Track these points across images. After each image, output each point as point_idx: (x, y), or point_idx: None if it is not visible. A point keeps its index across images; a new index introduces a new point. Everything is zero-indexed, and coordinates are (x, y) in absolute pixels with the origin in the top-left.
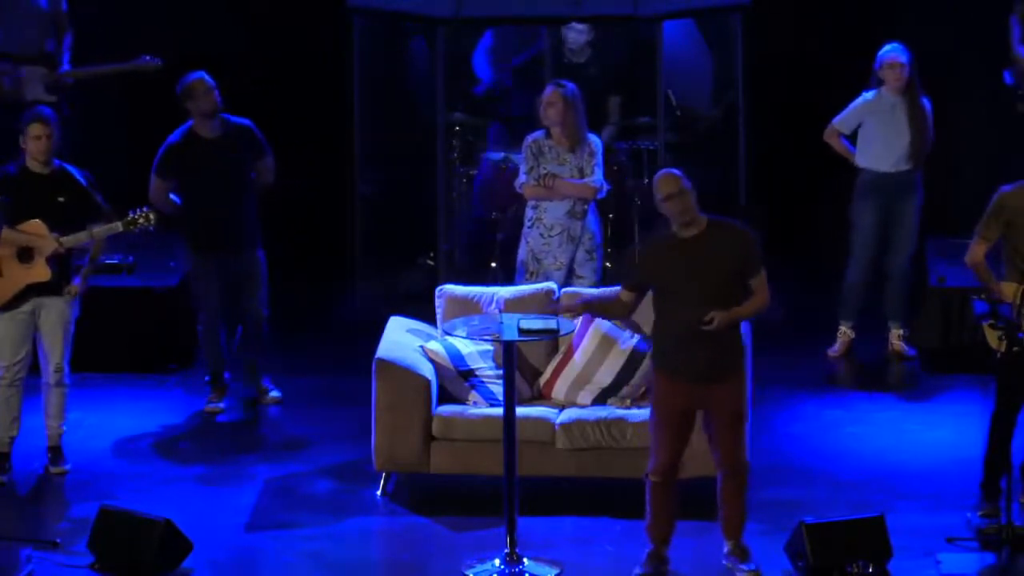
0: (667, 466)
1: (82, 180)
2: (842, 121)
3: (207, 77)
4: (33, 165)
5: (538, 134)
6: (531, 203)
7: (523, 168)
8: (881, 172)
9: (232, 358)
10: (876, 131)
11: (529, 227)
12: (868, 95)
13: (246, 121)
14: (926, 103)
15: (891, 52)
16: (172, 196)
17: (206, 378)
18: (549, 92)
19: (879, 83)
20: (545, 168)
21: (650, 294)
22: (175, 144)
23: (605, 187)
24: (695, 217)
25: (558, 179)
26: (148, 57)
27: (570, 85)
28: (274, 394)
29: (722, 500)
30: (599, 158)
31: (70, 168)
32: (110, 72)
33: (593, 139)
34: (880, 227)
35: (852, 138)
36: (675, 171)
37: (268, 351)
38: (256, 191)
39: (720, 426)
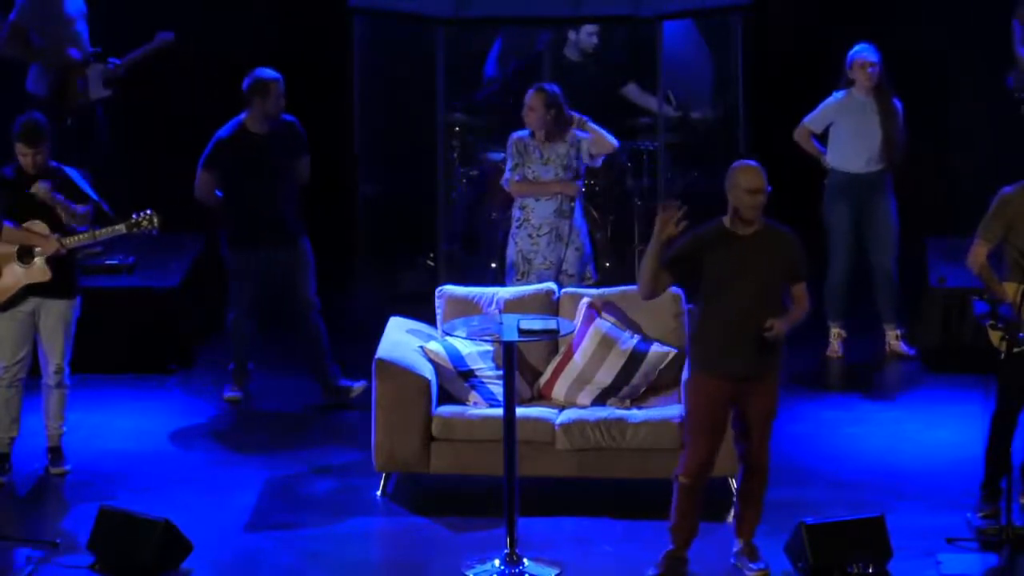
0: (701, 467)
1: (78, 180)
2: (813, 120)
3: (282, 79)
4: (28, 169)
5: (523, 133)
6: (517, 203)
7: (508, 165)
8: (851, 173)
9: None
10: (846, 131)
11: (517, 227)
12: (838, 95)
13: (292, 118)
14: (897, 103)
15: (862, 52)
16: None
17: (230, 366)
18: (530, 96)
19: (849, 83)
20: (531, 168)
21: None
22: (225, 138)
23: (616, 143)
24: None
25: (589, 123)
26: (163, 34)
27: (551, 88)
28: (358, 386)
29: (742, 497)
30: (592, 125)
31: (67, 169)
32: (142, 57)
33: (576, 133)
34: (854, 228)
35: (823, 139)
36: (757, 164)
37: (327, 342)
38: (295, 189)
39: (753, 423)
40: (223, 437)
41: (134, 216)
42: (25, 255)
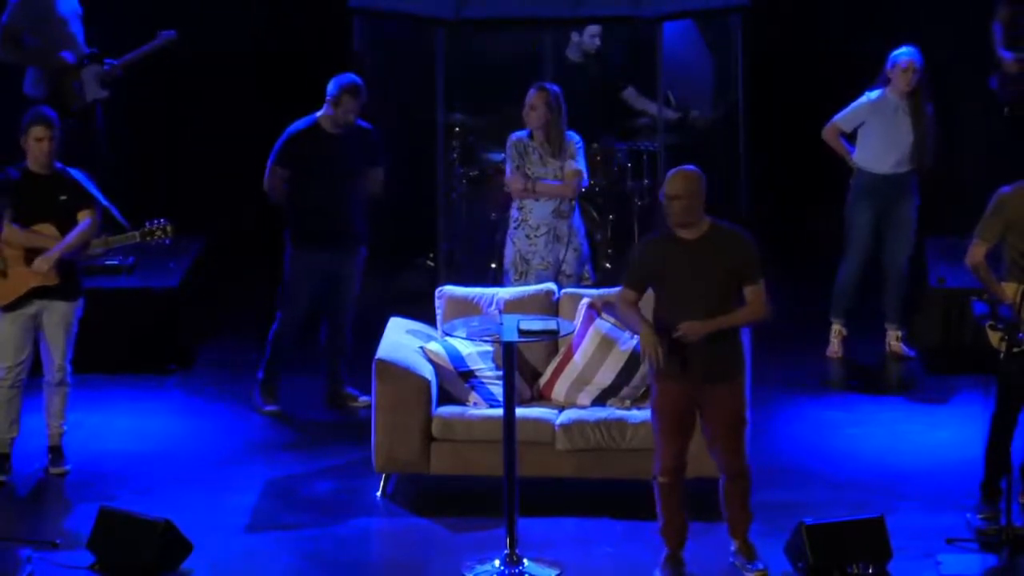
0: (673, 466)
1: (84, 181)
2: (844, 119)
3: (362, 88)
4: (35, 166)
5: (522, 134)
6: (515, 204)
7: (509, 167)
8: (878, 174)
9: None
10: (878, 132)
11: (515, 228)
12: (872, 95)
13: (369, 125)
14: (929, 107)
15: (906, 55)
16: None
17: (259, 375)
18: (532, 95)
19: (886, 83)
20: (531, 170)
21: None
22: (298, 133)
23: (585, 175)
24: (695, 221)
25: (539, 182)
26: (165, 32)
27: (553, 88)
28: (364, 399)
29: (726, 502)
30: (580, 149)
31: (72, 171)
32: (142, 56)
33: (573, 136)
34: (875, 228)
35: (850, 137)
36: (692, 170)
37: (351, 351)
38: (363, 195)
39: (718, 428)
40: (223, 437)
41: (147, 225)
42: (32, 257)
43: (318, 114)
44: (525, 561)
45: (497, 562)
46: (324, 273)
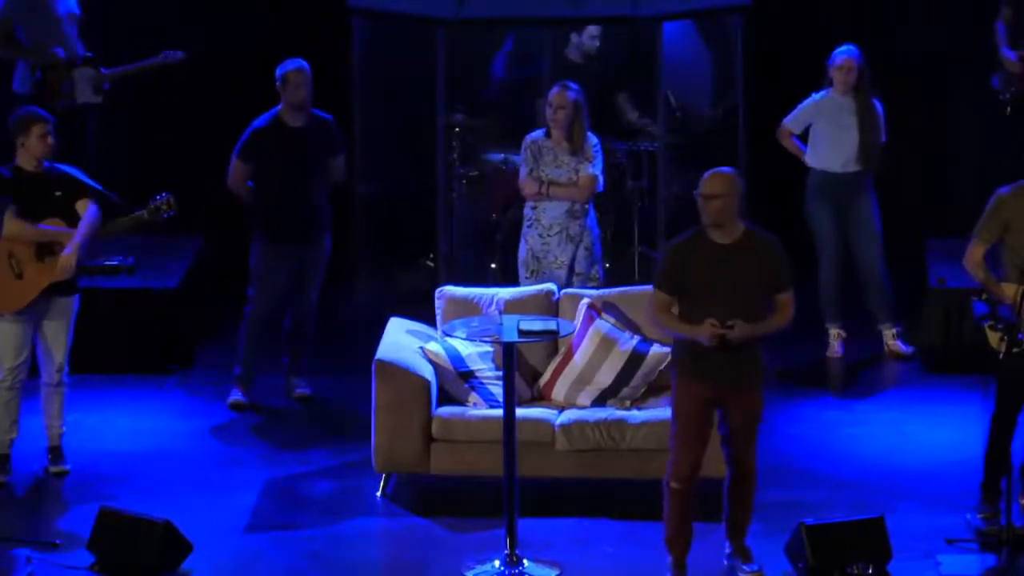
0: (689, 471)
1: (74, 173)
2: (792, 120)
3: (306, 68)
4: (26, 164)
5: (537, 135)
6: (529, 203)
7: (523, 170)
8: (830, 172)
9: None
10: (825, 131)
11: (528, 227)
12: (817, 95)
13: (328, 116)
14: (877, 105)
15: (843, 53)
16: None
17: (236, 370)
18: (556, 93)
19: (830, 83)
20: (545, 171)
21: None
22: (260, 129)
23: (601, 180)
24: (730, 223)
25: (553, 187)
26: (171, 52)
27: (576, 86)
28: (301, 391)
29: (730, 501)
30: (598, 152)
31: (62, 167)
32: (142, 69)
33: (592, 138)
34: (839, 227)
35: (805, 138)
36: (729, 172)
37: (311, 342)
38: (327, 185)
39: (737, 427)
40: (223, 437)
41: (151, 202)
42: (44, 252)
43: (277, 108)
44: (525, 561)
45: (497, 562)
46: (293, 265)
